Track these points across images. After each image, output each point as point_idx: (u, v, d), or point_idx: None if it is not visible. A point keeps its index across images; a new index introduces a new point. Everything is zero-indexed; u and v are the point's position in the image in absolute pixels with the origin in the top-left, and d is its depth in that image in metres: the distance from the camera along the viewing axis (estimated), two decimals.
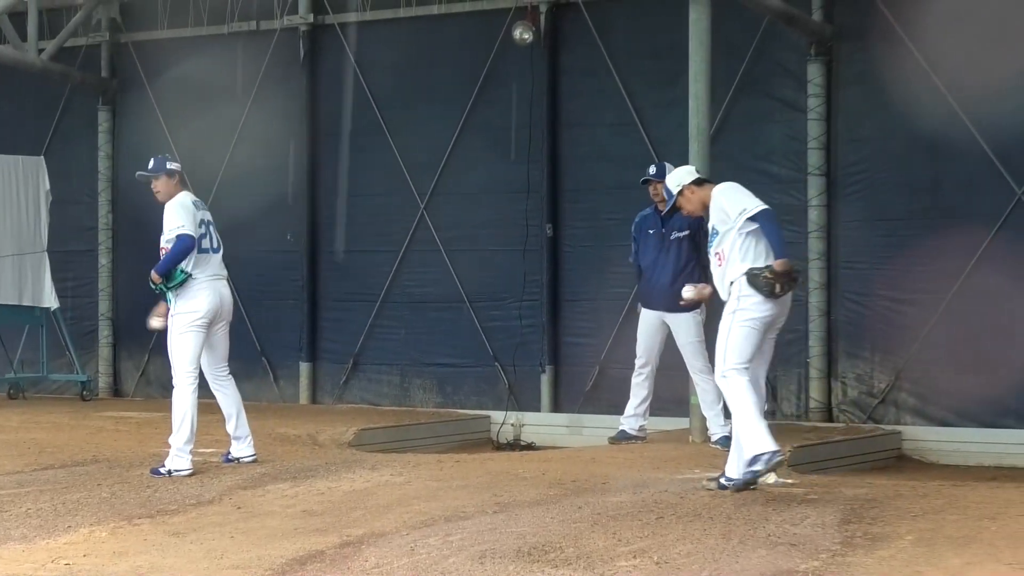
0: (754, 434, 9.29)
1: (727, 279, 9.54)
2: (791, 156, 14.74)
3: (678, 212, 10.30)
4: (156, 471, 10.75)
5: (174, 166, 11.04)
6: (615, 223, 14.74)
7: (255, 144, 17.30)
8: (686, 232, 12.26)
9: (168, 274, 10.72)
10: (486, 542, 7.95)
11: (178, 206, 10.85)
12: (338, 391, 17.06)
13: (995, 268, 13.75)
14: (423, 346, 16.62)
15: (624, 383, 13.06)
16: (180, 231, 10.74)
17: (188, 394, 10.79)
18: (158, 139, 17.16)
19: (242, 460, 11.28)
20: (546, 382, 15.87)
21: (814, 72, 14.59)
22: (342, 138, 17.11)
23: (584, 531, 8.24)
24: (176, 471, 10.68)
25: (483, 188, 16.27)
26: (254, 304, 17.28)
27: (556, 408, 15.86)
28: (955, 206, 14.09)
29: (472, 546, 7.85)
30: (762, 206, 9.58)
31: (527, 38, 15.56)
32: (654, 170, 12.55)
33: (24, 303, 17.52)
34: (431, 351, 16.58)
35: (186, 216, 10.79)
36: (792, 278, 9.46)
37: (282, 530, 8.52)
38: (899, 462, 13.85)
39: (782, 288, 9.41)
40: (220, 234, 11.12)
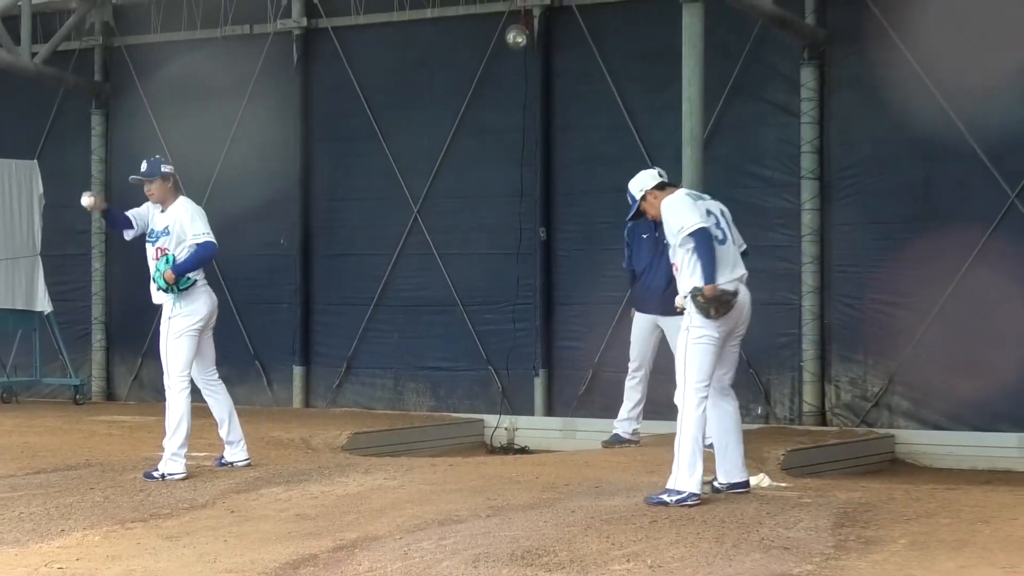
0: (687, 469, 9.17)
1: (680, 293, 9.46)
2: (784, 160, 14.75)
3: (644, 216, 10.11)
4: (149, 475, 10.74)
5: (168, 169, 11.05)
6: (608, 227, 14.73)
7: (249, 148, 17.29)
8: None
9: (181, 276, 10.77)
10: (480, 546, 7.95)
11: (196, 214, 10.94)
12: (331, 395, 17.06)
13: (988, 271, 13.76)
14: (417, 350, 16.62)
15: (617, 387, 13.08)
16: (206, 237, 10.84)
17: (182, 398, 10.81)
18: (151, 143, 17.12)
19: (236, 464, 11.28)
20: (539, 386, 15.87)
21: (807, 76, 14.60)
22: (335, 142, 17.12)
23: (577, 535, 8.24)
24: (170, 475, 10.69)
25: (477, 192, 16.26)
26: (247, 308, 17.28)
27: (549, 412, 15.86)
28: (948, 209, 14.10)
29: (466, 550, 7.85)
30: (698, 225, 9.30)
31: (520, 42, 15.57)
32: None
33: (17, 307, 17.49)
34: (425, 355, 16.59)
35: (206, 224, 10.90)
36: (723, 301, 9.27)
37: (275, 534, 8.51)
38: (892, 466, 13.86)
39: (716, 311, 9.25)
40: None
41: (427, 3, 16.46)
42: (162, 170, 11.01)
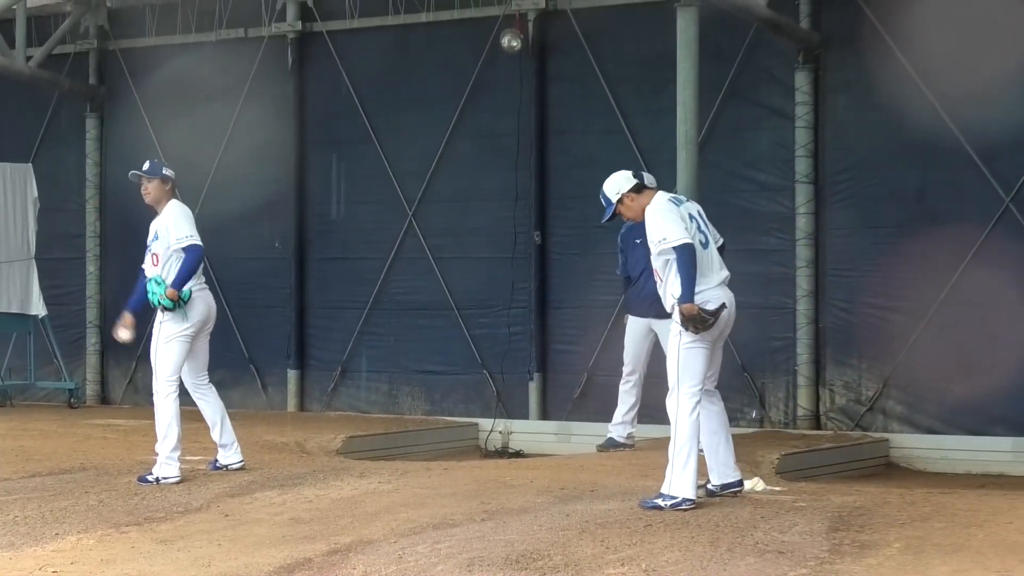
0: (683, 474, 9.17)
1: (667, 298, 9.44)
2: (779, 164, 14.76)
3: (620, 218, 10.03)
4: (144, 479, 10.74)
5: (170, 173, 11.04)
6: (603, 231, 14.66)
7: (244, 151, 17.29)
8: None
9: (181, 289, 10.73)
10: (474, 550, 7.95)
11: (181, 215, 10.86)
12: (326, 398, 17.05)
13: (983, 275, 13.77)
14: (411, 353, 16.62)
15: (612, 390, 13.07)
16: (191, 241, 10.74)
17: (170, 402, 10.79)
18: (146, 146, 17.15)
19: (230, 467, 11.27)
20: (534, 389, 15.87)
21: (802, 80, 14.62)
22: (330, 146, 17.12)
23: (572, 539, 8.24)
24: (164, 478, 10.68)
25: (471, 195, 16.27)
26: (242, 311, 17.28)
27: (544, 416, 15.86)
28: (943, 213, 14.12)
29: (460, 554, 7.85)
30: (683, 240, 9.20)
31: (515, 45, 15.59)
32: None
33: (12, 310, 17.48)
34: (419, 358, 16.58)
35: (192, 226, 10.81)
36: (701, 319, 9.21)
37: (270, 538, 8.51)
38: (887, 470, 13.88)
39: (695, 328, 9.22)
40: (207, 241, 11.10)
41: (422, 7, 16.47)
42: (163, 172, 11.01)
